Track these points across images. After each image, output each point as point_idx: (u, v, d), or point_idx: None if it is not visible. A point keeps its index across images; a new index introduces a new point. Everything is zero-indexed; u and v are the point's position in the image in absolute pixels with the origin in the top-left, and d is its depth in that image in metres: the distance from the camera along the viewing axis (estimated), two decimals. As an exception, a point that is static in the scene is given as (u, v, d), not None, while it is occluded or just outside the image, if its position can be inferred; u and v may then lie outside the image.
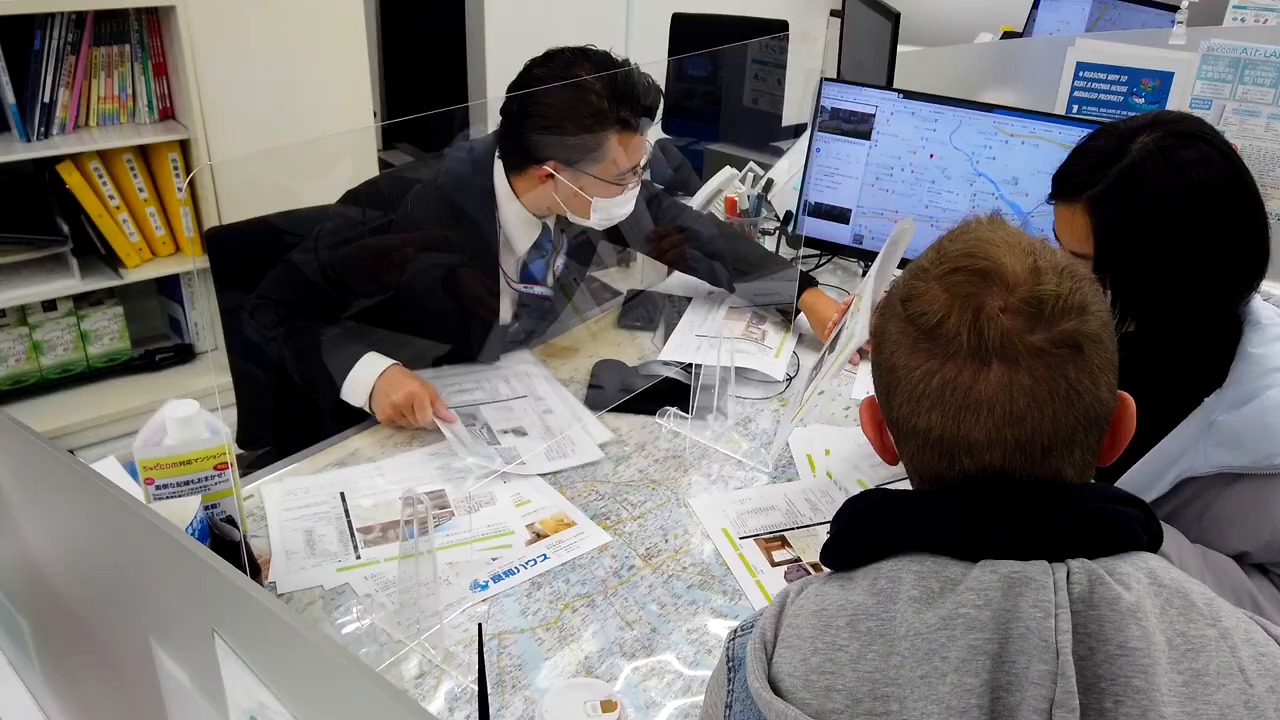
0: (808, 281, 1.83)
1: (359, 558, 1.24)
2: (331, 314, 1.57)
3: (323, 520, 1.30)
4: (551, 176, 1.52)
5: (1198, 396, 1.10)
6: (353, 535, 1.28)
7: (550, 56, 1.53)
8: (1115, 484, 1.16)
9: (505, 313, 1.69)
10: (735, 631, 0.79)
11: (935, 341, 0.69)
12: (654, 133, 3.82)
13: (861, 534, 0.74)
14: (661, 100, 1.55)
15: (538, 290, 1.71)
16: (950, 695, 0.63)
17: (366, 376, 1.49)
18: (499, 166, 1.58)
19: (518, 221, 1.61)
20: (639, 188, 1.61)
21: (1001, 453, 0.69)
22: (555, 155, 1.50)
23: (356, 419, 1.52)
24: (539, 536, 1.29)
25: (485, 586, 1.20)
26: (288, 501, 1.33)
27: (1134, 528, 0.70)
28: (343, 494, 1.35)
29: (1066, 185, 1.15)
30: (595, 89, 1.47)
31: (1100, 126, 1.19)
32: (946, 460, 0.70)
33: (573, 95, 1.47)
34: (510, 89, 1.53)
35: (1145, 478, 1.13)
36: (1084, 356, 0.69)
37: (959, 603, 0.65)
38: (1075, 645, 0.63)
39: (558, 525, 1.31)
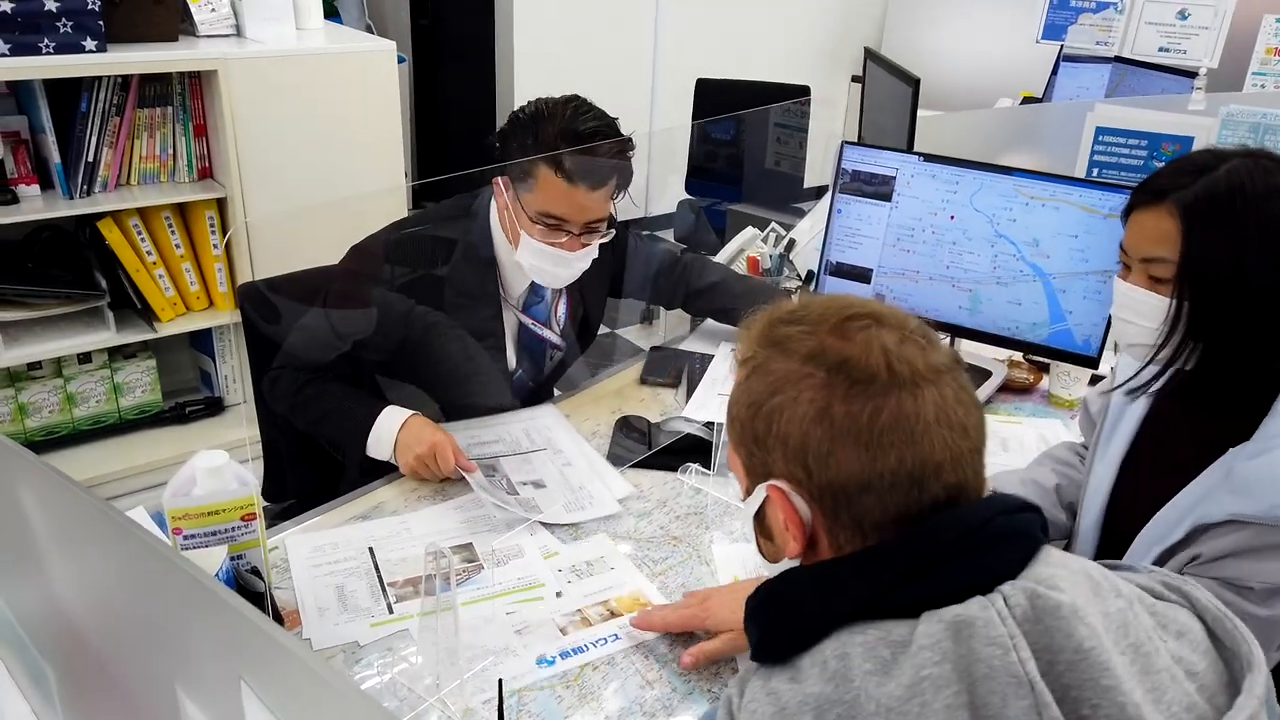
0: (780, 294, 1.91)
1: (392, 612, 1.24)
2: (349, 374, 1.59)
3: (353, 575, 1.30)
4: (501, 190, 1.56)
5: (1224, 448, 1.10)
6: (384, 590, 1.28)
7: (546, 99, 1.58)
8: (1138, 534, 1.16)
9: (510, 356, 1.71)
10: None
11: (868, 384, 0.71)
12: (678, 194, 3.90)
13: (791, 620, 0.73)
14: (631, 175, 1.55)
15: (547, 334, 1.73)
16: None
17: (389, 430, 1.51)
18: (494, 208, 1.63)
19: (510, 264, 1.64)
20: (581, 252, 1.55)
21: (956, 469, 0.72)
22: (507, 170, 1.54)
23: (382, 471, 1.53)
24: (613, 614, 1.25)
25: (552, 662, 1.17)
26: (316, 557, 1.33)
27: (1035, 531, 0.72)
28: (371, 548, 1.35)
29: (1151, 187, 1.14)
30: (554, 123, 1.50)
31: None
32: (916, 491, 0.71)
33: (530, 118, 1.52)
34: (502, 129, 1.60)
35: (1163, 527, 1.13)
36: (962, 368, 0.75)
37: (918, 664, 0.65)
38: (1037, 664, 0.64)
39: (634, 604, 1.27)
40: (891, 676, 0.65)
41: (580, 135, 1.50)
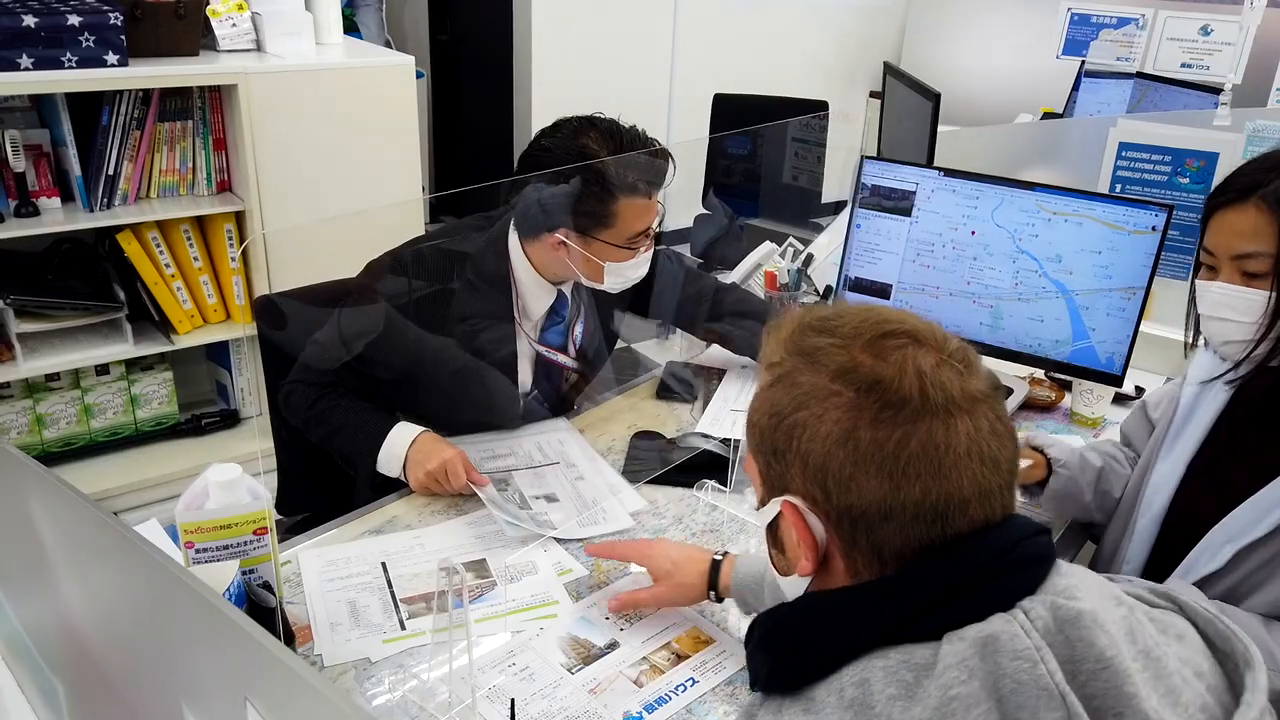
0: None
1: (404, 629, 1.22)
2: (361, 388, 1.59)
3: (365, 591, 1.29)
4: (564, 244, 1.55)
5: None
6: (396, 606, 1.26)
7: (557, 127, 1.57)
8: (1219, 524, 1.15)
9: (525, 377, 1.70)
10: None
11: (899, 408, 0.68)
12: (695, 208, 3.90)
13: (808, 650, 0.70)
14: (673, 165, 1.56)
15: (562, 359, 1.72)
16: None
17: (399, 446, 1.50)
18: (513, 233, 1.61)
19: (532, 287, 1.63)
20: (652, 249, 1.63)
21: (984, 504, 0.69)
22: (566, 223, 1.53)
23: (394, 486, 1.52)
24: (680, 658, 1.21)
25: (639, 718, 1.12)
26: (329, 571, 1.32)
27: (1052, 552, 0.71)
28: (384, 564, 1.34)
29: (1233, 186, 1.14)
30: (602, 156, 1.50)
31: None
32: (940, 525, 0.68)
33: (580, 164, 1.50)
34: (520, 160, 1.57)
35: (1242, 523, 1.12)
36: (1001, 395, 0.73)
37: (945, 684, 0.63)
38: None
39: (696, 643, 1.23)
40: (917, 700, 0.63)
41: (637, 147, 1.52)
